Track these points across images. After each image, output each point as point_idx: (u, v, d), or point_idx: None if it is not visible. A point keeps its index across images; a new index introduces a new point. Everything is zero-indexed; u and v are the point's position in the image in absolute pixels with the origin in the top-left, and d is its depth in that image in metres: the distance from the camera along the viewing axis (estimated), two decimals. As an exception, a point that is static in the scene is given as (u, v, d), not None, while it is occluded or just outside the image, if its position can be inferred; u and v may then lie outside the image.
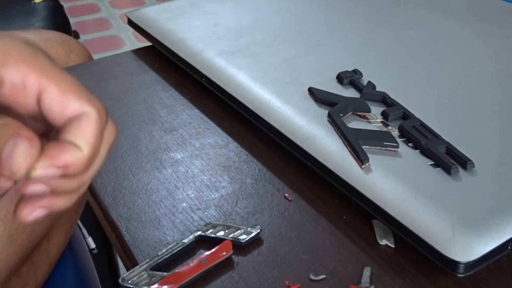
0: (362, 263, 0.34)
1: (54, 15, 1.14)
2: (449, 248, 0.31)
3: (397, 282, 0.32)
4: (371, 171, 0.36)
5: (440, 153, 0.37)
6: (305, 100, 0.44)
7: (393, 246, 0.35)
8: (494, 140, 0.39)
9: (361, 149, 0.37)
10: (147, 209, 0.38)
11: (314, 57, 0.50)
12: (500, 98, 0.45)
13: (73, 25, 2.24)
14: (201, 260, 0.33)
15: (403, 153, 0.38)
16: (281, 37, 0.54)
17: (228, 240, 0.34)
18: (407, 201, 0.34)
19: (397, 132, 0.40)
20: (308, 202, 0.39)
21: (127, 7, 2.56)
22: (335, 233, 0.36)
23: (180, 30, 0.56)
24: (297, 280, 0.32)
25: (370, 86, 0.45)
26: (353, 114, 0.42)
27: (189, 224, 0.37)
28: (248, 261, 0.34)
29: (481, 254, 0.31)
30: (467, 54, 0.52)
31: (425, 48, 0.53)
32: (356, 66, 0.48)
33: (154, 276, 0.32)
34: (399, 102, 0.42)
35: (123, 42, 2.30)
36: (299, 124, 0.41)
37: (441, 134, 0.39)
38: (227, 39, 0.54)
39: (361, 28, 0.56)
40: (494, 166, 0.37)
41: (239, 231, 0.35)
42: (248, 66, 0.49)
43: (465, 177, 0.36)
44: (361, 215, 0.37)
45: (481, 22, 0.58)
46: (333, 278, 0.33)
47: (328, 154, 0.39)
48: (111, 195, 0.40)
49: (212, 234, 0.35)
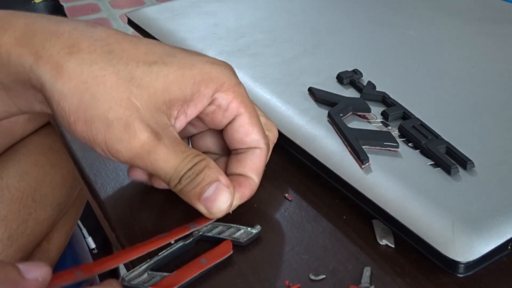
0: (362, 263, 0.34)
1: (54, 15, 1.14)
2: (449, 248, 0.31)
3: (397, 282, 0.32)
4: (371, 171, 0.36)
5: (440, 153, 0.37)
6: (305, 100, 0.44)
7: (393, 246, 0.35)
8: (494, 140, 0.39)
9: (361, 149, 0.37)
10: (147, 209, 0.38)
11: (314, 57, 0.50)
12: (500, 98, 0.45)
13: (73, 25, 2.23)
14: (201, 260, 0.33)
15: (403, 153, 0.38)
16: (281, 37, 0.54)
17: (228, 240, 0.34)
18: (407, 201, 0.34)
19: (397, 132, 0.40)
20: (308, 202, 0.39)
21: (127, 7, 2.56)
22: (335, 233, 0.36)
23: (180, 30, 0.56)
24: (297, 280, 0.32)
25: (370, 86, 0.45)
26: (353, 114, 0.42)
27: (189, 224, 0.37)
28: (248, 261, 0.34)
29: (481, 254, 0.31)
30: (467, 54, 0.52)
31: (425, 48, 0.53)
32: (356, 66, 0.48)
33: (154, 276, 0.32)
34: (399, 102, 0.42)
35: (123, 42, 2.30)
36: (299, 124, 0.41)
37: (441, 134, 0.39)
38: (227, 39, 0.54)
39: (361, 28, 0.56)
40: (494, 166, 0.37)
41: (240, 231, 0.35)
42: (248, 66, 0.49)
43: (465, 177, 0.36)
44: (361, 215, 0.37)
45: (481, 22, 0.58)
46: (333, 278, 0.33)
47: (328, 154, 0.39)
48: (111, 195, 0.40)
49: (212, 234, 0.35)
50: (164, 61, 0.33)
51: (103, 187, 0.41)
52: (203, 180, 0.32)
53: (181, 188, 0.33)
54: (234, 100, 0.35)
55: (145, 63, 0.32)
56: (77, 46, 0.31)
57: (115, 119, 0.31)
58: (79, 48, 0.31)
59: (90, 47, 0.32)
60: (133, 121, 0.31)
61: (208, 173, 0.32)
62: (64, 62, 0.31)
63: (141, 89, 0.31)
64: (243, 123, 0.35)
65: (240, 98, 0.35)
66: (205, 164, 0.33)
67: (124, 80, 0.31)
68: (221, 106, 0.35)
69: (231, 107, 0.35)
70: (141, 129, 0.31)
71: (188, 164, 0.32)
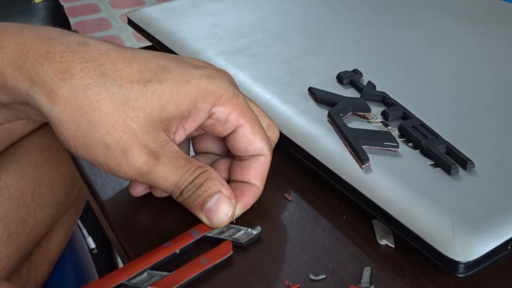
0: (362, 263, 0.34)
1: (54, 15, 1.14)
2: (449, 248, 0.31)
3: (397, 282, 0.32)
4: (371, 171, 0.36)
5: (440, 153, 0.37)
6: (305, 100, 0.44)
7: (393, 246, 0.35)
8: (494, 140, 0.39)
9: (361, 149, 0.37)
10: (147, 209, 0.38)
11: (314, 57, 0.50)
12: (500, 98, 0.45)
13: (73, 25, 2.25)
14: (201, 260, 0.33)
15: (403, 153, 0.38)
16: (281, 37, 0.54)
17: (229, 240, 0.34)
18: (407, 201, 0.34)
19: (397, 132, 0.40)
20: (308, 202, 0.39)
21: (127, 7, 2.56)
22: (335, 233, 0.36)
23: (180, 30, 0.56)
24: (297, 280, 0.32)
25: (370, 86, 0.45)
26: (353, 114, 0.42)
27: (189, 224, 0.37)
28: (248, 261, 0.34)
29: (481, 254, 0.31)
30: (467, 54, 0.52)
31: (425, 48, 0.53)
32: (356, 66, 0.48)
33: (154, 275, 0.32)
34: (399, 102, 0.42)
35: (123, 42, 2.30)
36: (299, 124, 0.41)
37: (441, 134, 0.39)
38: (227, 39, 0.54)
39: (361, 28, 0.56)
40: (494, 166, 0.37)
41: (240, 232, 0.35)
42: (248, 66, 0.49)
43: (465, 177, 0.36)
44: (361, 215, 0.37)
45: (481, 22, 0.57)
46: (333, 278, 0.33)
47: (328, 154, 0.39)
48: (111, 195, 0.40)
49: (213, 234, 0.35)
50: (159, 78, 0.33)
51: (103, 187, 0.41)
52: (205, 192, 0.33)
53: (183, 200, 0.34)
54: (233, 112, 0.34)
55: (139, 83, 0.32)
56: (70, 71, 0.31)
57: (113, 143, 0.31)
58: (72, 73, 0.31)
59: (83, 71, 0.31)
60: (130, 144, 0.31)
61: (209, 185, 0.33)
62: (58, 90, 0.31)
63: (137, 111, 0.32)
64: (245, 133, 0.35)
65: (239, 109, 0.34)
66: (206, 176, 0.33)
67: (119, 104, 0.31)
68: (220, 119, 0.34)
69: (231, 119, 0.34)
70: (139, 151, 0.31)
71: (189, 178, 0.33)
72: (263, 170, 0.36)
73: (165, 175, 0.32)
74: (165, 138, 0.33)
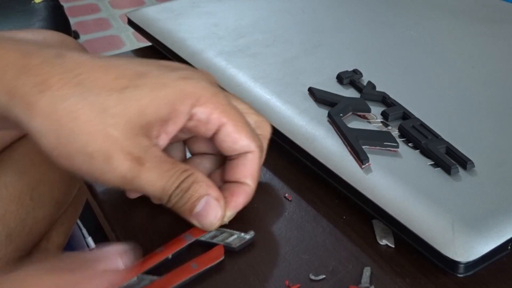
0: (362, 263, 0.34)
1: (54, 15, 1.14)
2: (449, 248, 0.31)
3: (397, 282, 0.32)
4: (371, 171, 0.36)
5: (440, 153, 0.37)
6: (305, 100, 0.44)
7: (393, 246, 0.35)
8: (494, 140, 0.39)
9: (361, 149, 0.37)
10: (147, 209, 0.38)
11: (314, 57, 0.50)
12: (500, 98, 0.45)
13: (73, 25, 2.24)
14: (192, 264, 0.33)
15: (403, 153, 0.38)
16: (281, 37, 0.54)
17: (221, 245, 0.34)
18: (407, 201, 0.34)
19: (397, 132, 0.40)
20: (308, 202, 0.39)
21: (127, 7, 2.56)
22: (335, 233, 0.36)
23: (180, 30, 0.56)
24: (297, 280, 0.32)
25: (370, 86, 0.45)
26: (353, 114, 0.42)
27: (188, 224, 0.37)
28: (248, 261, 0.34)
29: (481, 254, 0.31)
30: (467, 54, 0.52)
31: (425, 48, 0.53)
32: (356, 66, 0.48)
33: (144, 279, 0.32)
34: (399, 102, 0.42)
35: (123, 42, 2.30)
36: (299, 124, 0.41)
37: (441, 134, 0.39)
38: (227, 39, 0.54)
39: (361, 28, 0.56)
40: (494, 166, 0.37)
41: (233, 236, 0.35)
42: (248, 66, 0.49)
43: (465, 177, 0.36)
44: (361, 215, 0.37)
45: (481, 22, 0.58)
46: (333, 278, 0.33)
47: (328, 154, 0.39)
48: (111, 195, 0.40)
49: (205, 238, 0.35)
50: (136, 84, 0.32)
51: (103, 187, 0.41)
52: (192, 196, 0.32)
53: (172, 205, 0.33)
54: (214, 111, 0.34)
55: (117, 90, 0.32)
56: (47, 83, 0.31)
57: (95, 151, 0.31)
58: (49, 85, 0.31)
59: (60, 82, 0.31)
60: (113, 152, 0.31)
61: (196, 188, 0.33)
62: (36, 101, 0.31)
63: (116, 117, 0.31)
64: (229, 132, 0.34)
65: (220, 108, 0.34)
66: (192, 179, 0.33)
67: (98, 112, 0.31)
68: (202, 120, 0.34)
69: (212, 119, 0.34)
70: (122, 158, 0.31)
71: (175, 182, 0.32)
72: (253, 168, 0.35)
73: (150, 181, 0.32)
74: (148, 143, 0.32)
